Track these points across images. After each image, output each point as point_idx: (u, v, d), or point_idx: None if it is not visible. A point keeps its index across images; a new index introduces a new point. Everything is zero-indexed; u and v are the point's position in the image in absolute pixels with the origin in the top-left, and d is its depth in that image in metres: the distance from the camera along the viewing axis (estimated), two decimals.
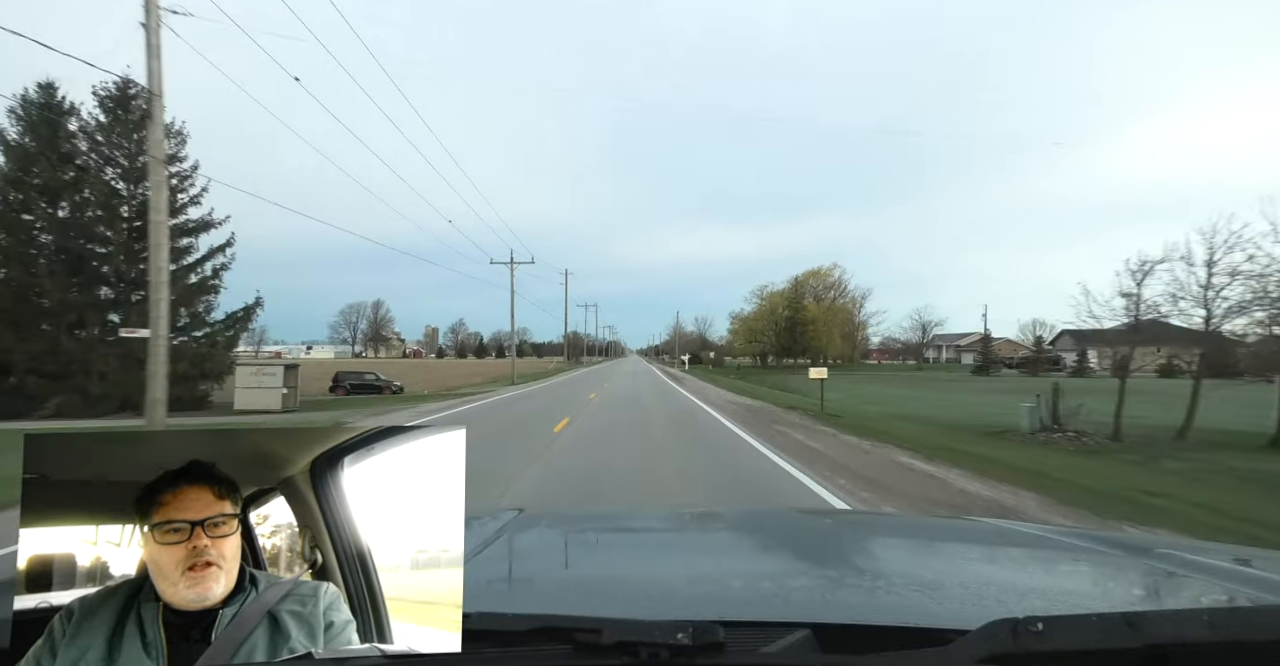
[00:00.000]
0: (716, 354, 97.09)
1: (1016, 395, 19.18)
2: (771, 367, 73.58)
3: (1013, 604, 1.02)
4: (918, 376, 56.50)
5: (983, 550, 1.55)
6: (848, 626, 0.84)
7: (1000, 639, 0.70)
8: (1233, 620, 0.80)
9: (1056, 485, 7.54)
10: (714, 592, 1.13)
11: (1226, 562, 1.22)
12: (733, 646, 0.73)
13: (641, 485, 7.25)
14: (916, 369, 76.35)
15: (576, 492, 6.83)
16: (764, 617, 0.88)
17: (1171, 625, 0.76)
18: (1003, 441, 12.75)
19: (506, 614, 0.79)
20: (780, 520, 2.19)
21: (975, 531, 1.91)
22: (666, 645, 0.71)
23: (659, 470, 8.18)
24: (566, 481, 7.42)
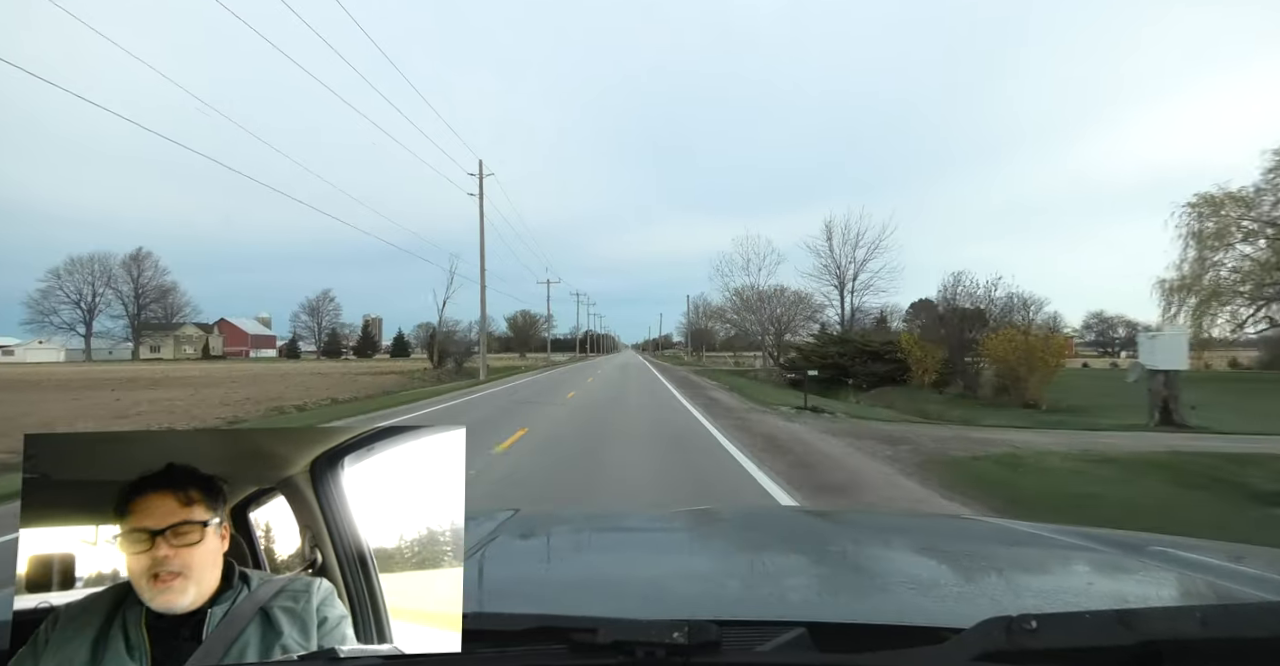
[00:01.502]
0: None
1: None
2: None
3: (1007, 602, 1.03)
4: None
5: (977, 548, 1.56)
6: (843, 625, 0.85)
7: (995, 637, 0.71)
8: (1226, 617, 0.81)
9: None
10: (709, 591, 1.14)
11: (1219, 560, 1.23)
12: (728, 645, 0.74)
13: None
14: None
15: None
16: (759, 616, 0.88)
17: (1165, 622, 0.77)
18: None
19: (502, 613, 0.80)
20: (775, 519, 2.19)
21: (970, 530, 1.92)
22: (662, 644, 0.71)
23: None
24: None
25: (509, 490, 6.24)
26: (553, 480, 6.96)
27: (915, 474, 7.16)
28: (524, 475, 7.04)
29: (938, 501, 5.91)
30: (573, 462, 7.99)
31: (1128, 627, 0.74)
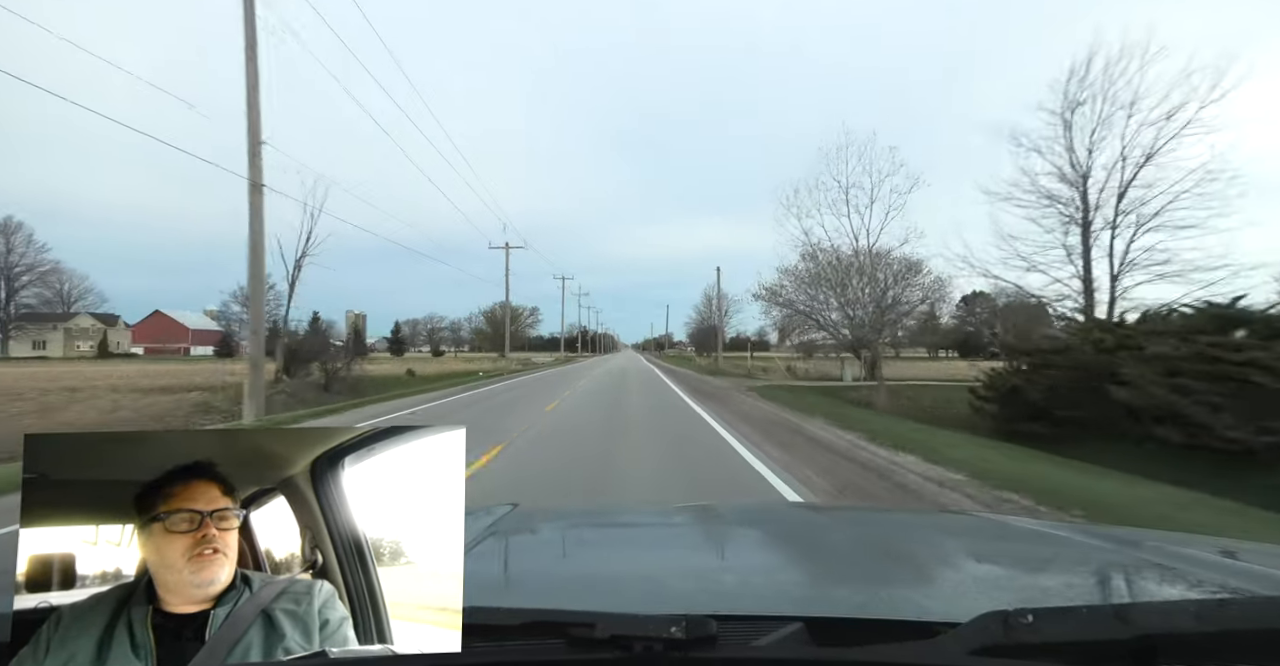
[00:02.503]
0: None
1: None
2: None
3: (1003, 596, 1.03)
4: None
5: (973, 543, 1.57)
6: (840, 620, 0.85)
7: (991, 631, 0.72)
8: (1220, 611, 0.82)
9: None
10: (707, 587, 1.14)
11: (1214, 555, 1.24)
12: (725, 640, 0.74)
13: None
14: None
15: None
16: (757, 611, 0.89)
17: (1160, 616, 0.78)
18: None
19: (500, 608, 0.80)
20: (773, 514, 2.20)
21: (966, 525, 1.93)
22: (660, 638, 0.72)
23: None
24: None
25: None
26: None
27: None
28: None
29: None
30: None
31: (1123, 622, 0.74)
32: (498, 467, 7.49)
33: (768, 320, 42.88)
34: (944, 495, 6.24)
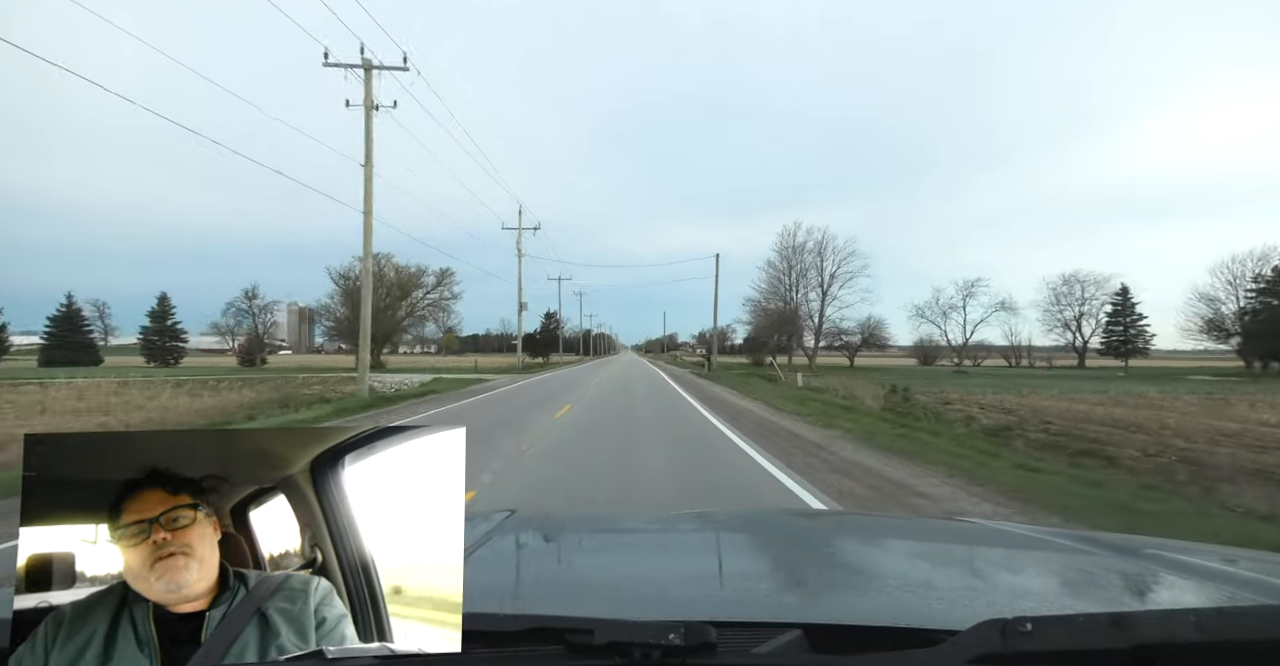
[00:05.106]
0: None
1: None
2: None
3: (1002, 604, 1.03)
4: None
5: (973, 551, 1.56)
6: (839, 627, 0.85)
7: (990, 639, 0.72)
8: (1219, 620, 0.81)
9: None
10: (706, 593, 1.14)
11: (1213, 563, 1.23)
12: (724, 646, 0.74)
13: None
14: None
15: None
16: (756, 618, 0.89)
17: (1158, 625, 0.77)
18: None
19: (499, 614, 0.80)
20: (772, 521, 2.20)
21: (965, 532, 1.93)
22: (659, 645, 0.71)
23: None
24: None
25: None
26: None
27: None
28: None
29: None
30: None
31: (1122, 630, 0.74)
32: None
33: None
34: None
